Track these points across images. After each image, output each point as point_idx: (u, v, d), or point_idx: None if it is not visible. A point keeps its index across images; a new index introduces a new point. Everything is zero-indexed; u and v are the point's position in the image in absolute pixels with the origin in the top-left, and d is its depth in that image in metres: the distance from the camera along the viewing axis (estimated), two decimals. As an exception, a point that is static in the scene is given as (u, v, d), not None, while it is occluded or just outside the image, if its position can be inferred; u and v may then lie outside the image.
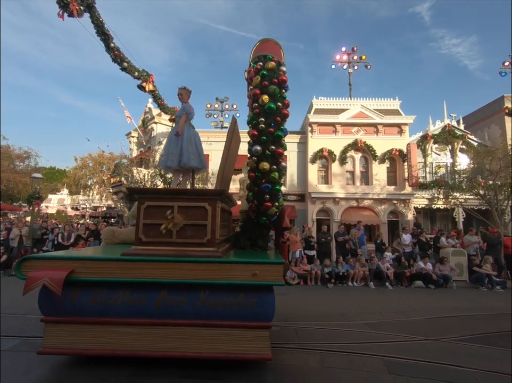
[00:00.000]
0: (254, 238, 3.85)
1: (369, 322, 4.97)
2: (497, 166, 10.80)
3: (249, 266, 2.89)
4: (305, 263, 8.96)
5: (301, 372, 3.21)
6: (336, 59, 16.47)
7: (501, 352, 3.88)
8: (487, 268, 8.75)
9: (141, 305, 2.83)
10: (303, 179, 14.59)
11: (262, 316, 2.88)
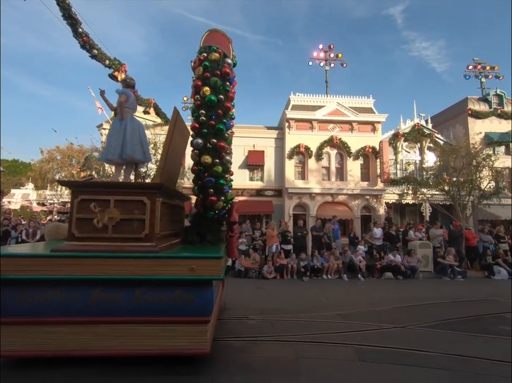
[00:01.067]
0: (203, 232, 3.80)
1: (342, 313, 5.14)
2: (460, 163, 11.51)
3: (187, 261, 2.86)
4: (282, 257, 9.08)
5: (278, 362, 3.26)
6: (313, 56, 16.66)
7: (460, 337, 4.17)
8: (450, 259, 9.35)
9: (74, 303, 2.72)
10: (280, 175, 14.73)
11: (200, 311, 2.86)
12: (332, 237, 9.73)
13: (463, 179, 11.21)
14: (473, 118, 15.96)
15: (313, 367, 3.18)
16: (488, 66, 17.31)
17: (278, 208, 14.30)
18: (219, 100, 3.47)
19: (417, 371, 3.15)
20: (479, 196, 11.47)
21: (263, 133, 15.23)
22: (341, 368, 3.17)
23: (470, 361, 3.39)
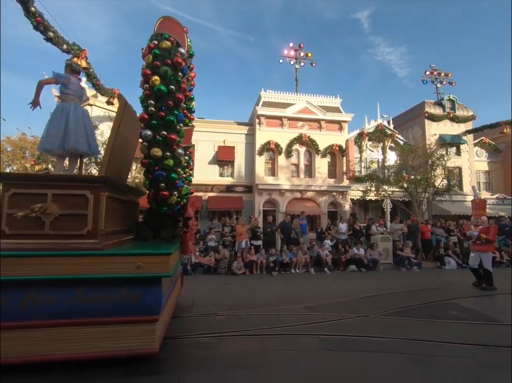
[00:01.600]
0: (156, 228, 3.68)
1: (308, 305, 5.29)
2: (417, 163, 12.36)
3: (132, 258, 2.75)
4: (251, 253, 9.13)
5: (246, 357, 3.27)
6: (284, 54, 16.84)
7: (415, 322, 4.49)
8: (408, 252, 10.03)
9: (4, 307, 2.51)
10: (250, 171, 14.75)
11: (147, 310, 2.79)
12: (300, 232, 9.96)
13: (419, 177, 12.04)
14: (429, 120, 17.19)
15: (279, 359, 3.24)
16: (443, 73, 18.73)
17: (248, 204, 14.34)
18: (169, 91, 3.32)
19: (377, 356, 3.34)
20: (433, 193, 12.41)
21: (234, 128, 15.13)
22: (307, 358, 3.26)
23: (423, 344, 3.67)
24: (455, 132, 17.14)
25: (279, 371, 2.99)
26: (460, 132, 17.24)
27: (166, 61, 3.31)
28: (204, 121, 15.70)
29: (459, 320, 4.59)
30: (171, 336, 3.69)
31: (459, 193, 16.08)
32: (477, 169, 17.88)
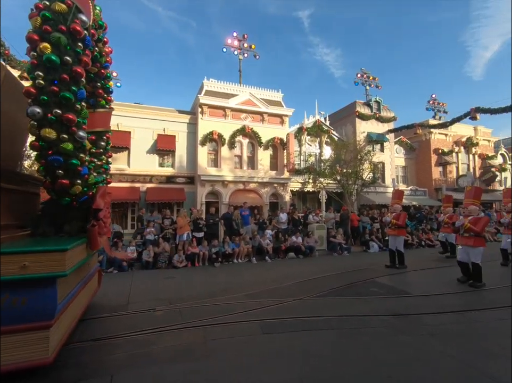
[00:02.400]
0: (58, 222, 3.30)
1: (250, 293, 5.45)
2: (349, 157, 13.56)
3: (15, 256, 2.39)
4: (193, 245, 8.95)
5: (186, 349, 3.22)
6: (228, 43, 16.55)
7: (344, 300, 4.99)
8: (339, 238, 11.03)
9: None
10: (192, 161, 14.30)
11: (38, 315, 2.45)
12: (240, 223, 10.10)
13: (350, 170, 13.25)
14: (359, 119, 18.93)
15: (221, 347, 3.28)
16: (372, 77, 20.72)
17: (190, 195, 13.94)
18: (64, 63, 2.90)
19: (311, 334, 3.62)
20: (361, 185, 13.80)
21: (175, 117, 14.41)
22: (247, 344, 3.37)
23: (350, 319, 4.11)
24: (380, 131, 19.23)
25: (220, 359, 3.03)
26: (384, 131, 19.39)
27: (60, 27, 2.87)
28: (142, 106, 14.60)
29: (378, 295, 5.26)
30: (101, 337, 3.43)
31: (382, 186, 18.18)
32: (396, 165, 20.43)
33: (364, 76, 20.24)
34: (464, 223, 6.08)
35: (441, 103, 22.01)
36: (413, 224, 13.17)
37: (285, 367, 2.85)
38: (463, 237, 6.10)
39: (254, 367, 2.86)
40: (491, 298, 5.12)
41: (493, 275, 6.58)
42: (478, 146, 21.56)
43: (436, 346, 3.29)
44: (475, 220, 6.02)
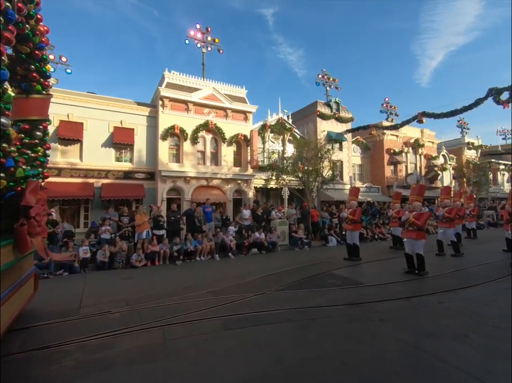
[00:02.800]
0: None
1: (212, 290, 5.42)
2: (310, 155, 14.03)
3: None
4: (154, 244, 8.62)
5: (145, 351, 3.11)
6: (190, 35, 16.04)
7: (303, 293, 5.19)
8: (300, 233, 11.40)
9: None
10: (153, 156, 13.70)
11: None
12: (203, 220, 9.96)
13: (311, 168, 13.73)
14: (320, 118, 19.65)
15: (181, 347, 3.22)
16: (332, 78, 21.58)
17: (150, 192, 13.36)
18: None
19: (273, 327, 3.71)
20: (321, 182, 14.38)
21: (133, 109, 13.63)
22: (208, 341, 3.34)
23: (309, 310, 4.29)
24: (339, 130, 20.15)
25: (180, 359, 2.98)
26: (343, 130, 20.37)
27: None
28: (96, 96, 13.57)
29: (334, 286, 5.55)
30: (47, 346, 3.18)
31: (340, 183, 19.13)
32: (353, 163, 21.62)
33: (325, 77, 20.99)
34: (409, 217, 6.54)
35: (393, 106, 23.69)
36: (368, 218, 14.07)
37: (247, 361, 2.89)
38: (408, 231, 6.57)
39: (216, 364, 2.86)
40: (432, 284, 5.68)
41: (433, 264, 7.31)
42: (423, 147, 23.63)
43: (386, 331, 3.58)
44: (418, 215, 6.50)
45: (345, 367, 2.78)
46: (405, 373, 2.66)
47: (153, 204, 11.12)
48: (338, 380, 2.57)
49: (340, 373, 2.68)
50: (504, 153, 30.13)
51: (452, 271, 6.72)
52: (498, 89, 12.13)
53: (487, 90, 12.48)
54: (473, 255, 8.77)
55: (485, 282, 5.68)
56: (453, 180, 25.71)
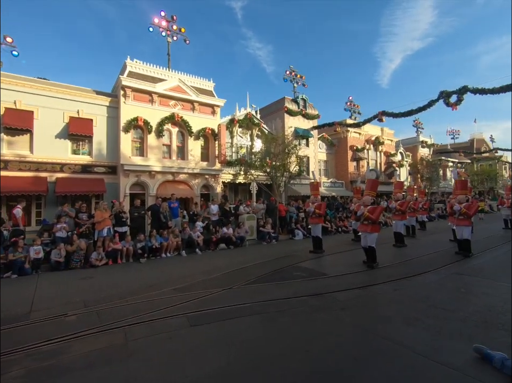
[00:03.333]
0: None
1: (178, 287, 5.30)
2: (278, 150, 14.20)
3: None
4: (115, 241, 8.20)
5: (104, 353, 2.96)
6: (155, 22, 15.30)
7: (270, 286, 5.27)
8: (268, 228, 11.55)
9: None
10: (114, 149, 12.94)
11: None
12: (169, 216, 9.68)
13: (279, 163, 13.92)
14: (288, 114, 19.94)
15: (144, 346, 3.11)
16: (299, 75, 21.96)
17: (112, 187, 12.64)
18: None
19: (238, 321, 3.73)
20: (289, 177, 14.65)
21: (92, 98, 12.71)
22: (173, 339, 3.27)
23: (275, 302, 4.37)
24: (306, 127, 20.63)
25: (142, 359, 2.88)
26: (309, 127, 20.89)
27: None
28: (49, 83, 12.45)
29: (300, 278, 5.72)
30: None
31: (307, 178, 19.64)
32: (319, 159, 22.33)
33: (292, 73, 21.29)
34: (364, 212, 6.67)
35: (356, 105, 24.76)
36: (332, 212, 14.64)
37: (212, 357, 2.88)
38: (363, 224, 6.76)
39: (179, 361, 2.81)
40: (389, 272, 6.08)
41: (390, 254, 7.83)
42: (383, 145, 25.05)
43: (346, 318, 3.77)
44: (372, 209, 6.65)
45: (308, 356, 2.88)
46: (362, 357, 2.83)
47: (115, 199, 10.56)
48: (301, 369, 2.66)
49: (304, 362, 2.78)
50: (452, 151, 33.04)
51: (406, 259, 7.26)
52: (448, 92, 13.19)
53: (438, 93, 13.51)
54: (425, 244, 9.54)
55: (435, 268, 6.20)
56: (408, 175, 27.63)
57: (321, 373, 2.57)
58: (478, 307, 4.03)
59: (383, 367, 2.66)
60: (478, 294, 4.57)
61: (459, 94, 12.77)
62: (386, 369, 2.62)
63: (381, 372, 2.59)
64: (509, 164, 38.51)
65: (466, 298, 4.43)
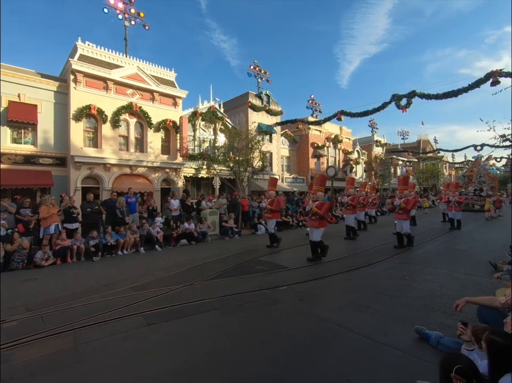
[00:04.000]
0: None
1: (135, 285, 5.08)
2: (241, 145, 14.18)
3: None
4: (64, 238, 7.57)
5: (50, 359, 2.74)
6: (110, 3, 14.20)
7: (231, 281, 5.29)
8: (231, 223, 11.53)
9: None
10: (63, 139, 11.86)
11: None
12: (126, 211, 9.19)
13: (242, 158, 13.91)
14: (251, 110, 19.96)
15: (96, 349, 2.94)
16: (263, 70, 22.05)
17: (60, 180, 11.59)
18: None
19: (198, 317, 3.69)
20: (252, 172, 14.74)
21: (36, 81, 11.46)
22: (128, 340, 3.13)
23: (235, 297, 4.40)
24: (269, 123, 20.86)
25: (93, 362, 2.72)
26: (272, 123, 21.15)
27: None
28: (-18, 61, 10.98)
29: (261, 272, 5.82)
30: None
31: (270, 173, 19.96)
32: (282, 155, 22.77)
33: (257, 68, 21.31)
34: (312, 207, 6.68)
35: (318, 103, 25.61)
36: (293, 207, 15.07)
37: (169, 355, 2.82)
38: (311, 219, 6.80)
39: (135, 362, 2.71)
40: (343, 264, 6.44)
41: (344, 246, 8.29)
42: (342, 143, 26.31)
43: (303, 308, 3.93)
44: (320, 205, 6.65)
45: (267, 345, 2.95)
46: (317, 345, 2.97)
47: (65, 193, 9.73)
48: (254, 359, 2.72)
49: (261, 353, 2.84)
50: (402, 151, 35.84)
51: (358, 251, 7.75)
52: (399, 95, 14.21)
53: (391, 96, 14.48)
54: (375, 237, 10.26)
55: (384, 259, 6.72)
56: (364, 172, 29.42)
57: (278, 363, 2.65)
58: (420, 292, 4.46)
59: (335, 352, 2.82)
60: (420, 281, 5.05)
61: (408, 98, 13.82)
62: (338, 354, 2.79)
63: (333, 356, 2.75)
64: (449, 164, 42.96)
65: (410, 285, 4.87)
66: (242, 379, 2.45)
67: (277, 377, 2.45)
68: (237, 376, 2.48)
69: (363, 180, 28.08)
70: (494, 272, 5.06)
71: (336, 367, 2.57)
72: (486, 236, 10.01)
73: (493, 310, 2.80)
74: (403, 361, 2.66)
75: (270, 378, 2.45)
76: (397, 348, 2.87)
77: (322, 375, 2.46)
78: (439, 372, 1.83)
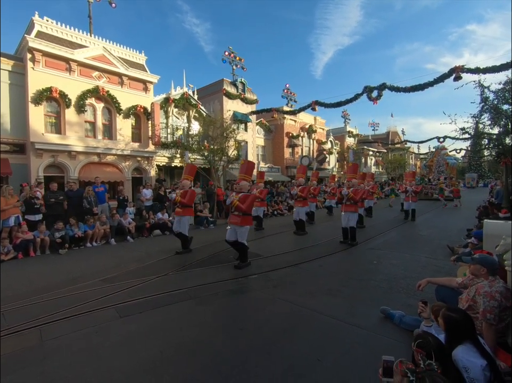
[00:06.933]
0: None
1: (106, 278, 4.91)
2: (216, 134, 13.93)
3: None
4: (25, 231, 7.10)
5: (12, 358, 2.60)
6: (71, -24, 13.10)
7: (206, 270, 5.28)
8: (206, 213, 11.42)
9: None
10: (21, 124, 10.93)
11: None
12: (94, 201, 8.78)
13: (217, 147, 13.70)
14: (226, 97, 19.58)
15: (63, 345, 2.83)
16: (238, 57, 21.61)
17: (20, 168, 10.74)
18: None
19: (171, 307, 3.66)
20: (227, 161, 14.59)
21: (-14, 59, 10.39)
22: (99, 333, 3.05)
23: (208, 286, 4.41)
24: (245, 111, 20.63)
25: (60, 358, 2.62)
26: (248, 112, 20.94)
27: None
28: None
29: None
30: None
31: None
32: (257, 144, 22.74)
33: (232, 55, 20.85)
34: (233, 200, 5.50)
35: (293, 93, 25.68)
36: (268, 197, 15.21)
37: (143, 347, 2.78)
38: (233, 215, 5.58)
39: (105, 356, 2.64)
40: (315, 251, 6.66)
41: (314, 234, 8.54)
42: (316, 133, 26.75)
43: (278, 294, 4.03)
44: (244, 197, 5.48)
45: (241, 332, 3.01)
46: (290, 329, 3.08)
47: (25, 183, 9.06)
48: (233, 345, 2.77)
49: (237, 339, 2.89)
50: (373, 142, 37.16)
51: (328, 239, 8.02)
52: (371, 87, 14.61)
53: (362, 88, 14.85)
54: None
55: (353, 246, 7.02)
56: (337, 162, 30.26)
57: (253, 348, 2.72)
58: (385, 275, 4.74)
59: (307, 335, 2.94)
60: (387, 265, 5.36)
61: (379, 90, 14.25)
62: (309, 336, 2.91)
63: (304, 339, 2.87)
64: (414, 154, 45.33)
65: (377, 269, 5.16)
66: (221, 364, 2.49)
67: (253, 363, 2.51)
68: (216, 362, 2.51)
69: (335, 170, 28.94)
70: (451, 255, 5.51)
71: (308, 349, 2.69)
72: (445, 223, 10.79)
73: (449, 289, 3.05)
74: (369, 339, 2.84)
75: (248, 363, 2.50)
76: (364, 327, 3.05)
77: (295, 357, 2.56)
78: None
